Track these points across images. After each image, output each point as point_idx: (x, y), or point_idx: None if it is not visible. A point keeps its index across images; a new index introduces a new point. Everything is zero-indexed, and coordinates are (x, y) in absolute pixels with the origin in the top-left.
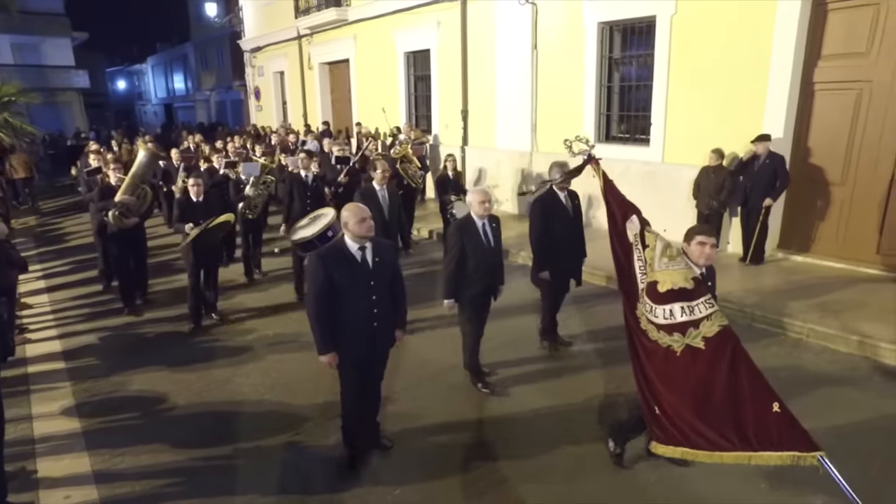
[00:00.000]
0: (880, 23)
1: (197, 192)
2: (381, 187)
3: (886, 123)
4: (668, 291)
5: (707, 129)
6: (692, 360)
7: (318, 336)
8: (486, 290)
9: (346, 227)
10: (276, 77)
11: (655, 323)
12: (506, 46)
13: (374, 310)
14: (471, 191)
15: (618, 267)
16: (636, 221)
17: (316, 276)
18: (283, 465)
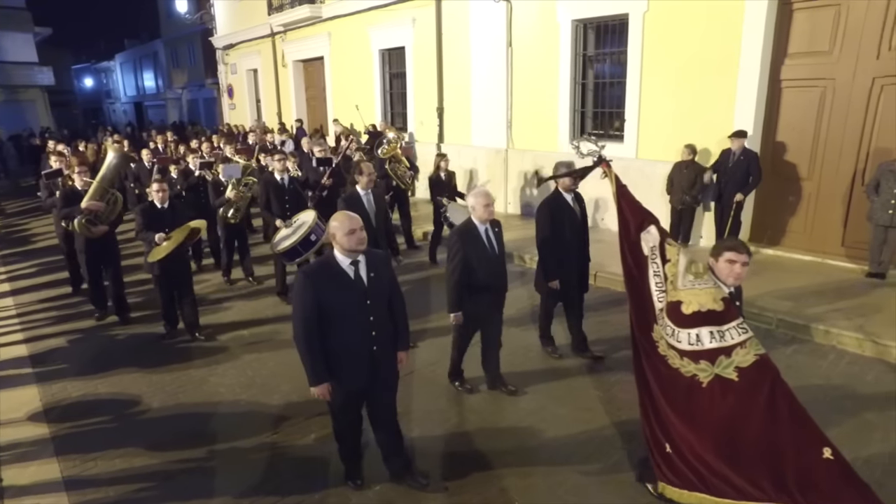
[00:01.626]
0: (841, 23)
1: (161, 198)
2: (366, 192)
3: (848, 120)
4: (695, 314)
5: (679, 126)
6: (721, 394)
7: (310, 365)
8: (491, 299)
9: (333, 239)
10: (249, 75)
11: (678, 348)
12: (481, 44)
13: (373, 332)
14: (471, 193)
15: (628, 280)
16: (654, 232)
17: (303, 297)
18: (259, 466)
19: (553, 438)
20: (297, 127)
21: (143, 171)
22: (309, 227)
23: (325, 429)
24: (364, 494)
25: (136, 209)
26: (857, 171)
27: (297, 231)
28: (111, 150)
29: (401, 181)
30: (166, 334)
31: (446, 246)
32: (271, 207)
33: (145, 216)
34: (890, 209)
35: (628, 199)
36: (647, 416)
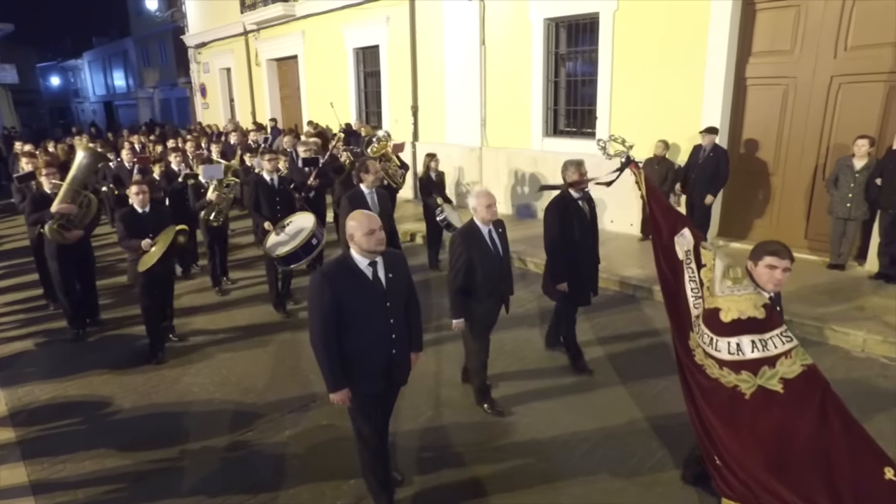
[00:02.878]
0: (801, 23)
1: (142, 202)
2: (370, 190)
3: (809, 117)
4: (735, 322)
5: (650, 122)
6: (765, 406)
7: (328, 370)
8: (496, 304)
9: (351, 240)
10: (222, 74)
11: (717, 358)
12: (454, 42)
13: (393, 335)
14: (472, 194)
15: (665, 288)
16: (688, 236)
17: (321, 299)
18: (233, 464)
19: (578, 446)
20: (272, 126)
21: (124, 171)
22: (310, 230)
23: (298, 426)
24: (339, 488)
25: (117, 216)
26: (818, 166)
27: (295, 235)
28: (81, 149)
29: (392, 180)
30: (153, 359)
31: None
32: (261, 209)
33: (126, 222)
34: (848, 202)
35: (659, 201)
36: (696, 427)
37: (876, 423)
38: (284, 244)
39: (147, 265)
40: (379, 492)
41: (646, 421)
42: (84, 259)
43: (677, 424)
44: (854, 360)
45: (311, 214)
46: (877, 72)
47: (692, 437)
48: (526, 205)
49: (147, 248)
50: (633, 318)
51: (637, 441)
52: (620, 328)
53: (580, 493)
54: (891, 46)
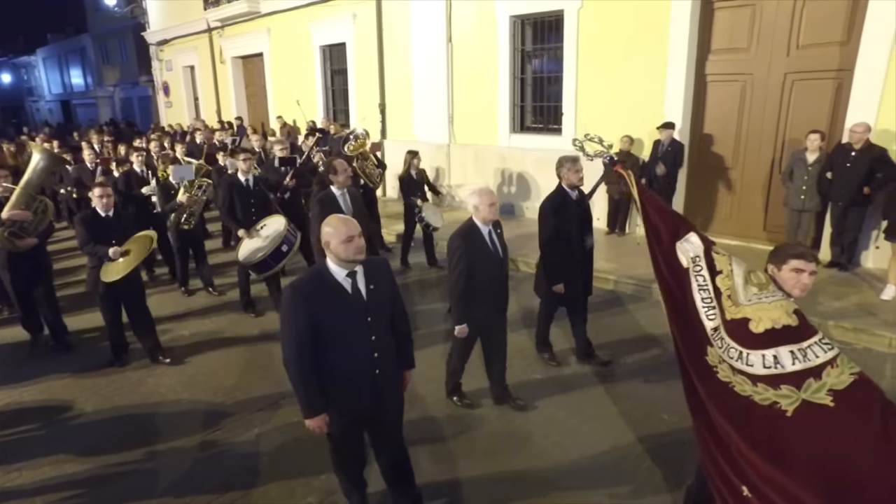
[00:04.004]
0: (756, 21)
1: (106, 205)
2: (341, 191)
3: (766, 112)
4: (769, 332)
5: (615, 118)
6: (813, 423)
7: (303, 394)
8: (496, 308)
9: (327, 248)
10: (185, 72)
11: (749, 373)
12: (421, 39)
13: (375, 353)
14: (474, 192)
15: (666, 297)
16: (695, 241)
17: (295, 317)
18: (201, 464)
19: (575, 458)
20: (238, 125)
21: (86, 173)
22: (280, 235)
23: (268, 423)
24: (309, 484)
25: (77, 219)
26: (774, 160)
27: (266, 240)
28: (36, 151)
29: (369, 179)
30: (116, 361)
31: (443, 250)
32: (234, 212)
33: (87, 226)
34: (802, 195)
35: (655, 204)
36: (711, 454)
37: None
38: (256, 250)
39: (112, 277)
40: (352, 490)
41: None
42: (39, 268)
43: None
44: None
45: (281, 217)
46: (826, 69)
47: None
48: (509, 204)
49: (115, 257)
50: (626, 319)
51: (636, 455)
52: (614, 330)
53: None
54: (837, 45)
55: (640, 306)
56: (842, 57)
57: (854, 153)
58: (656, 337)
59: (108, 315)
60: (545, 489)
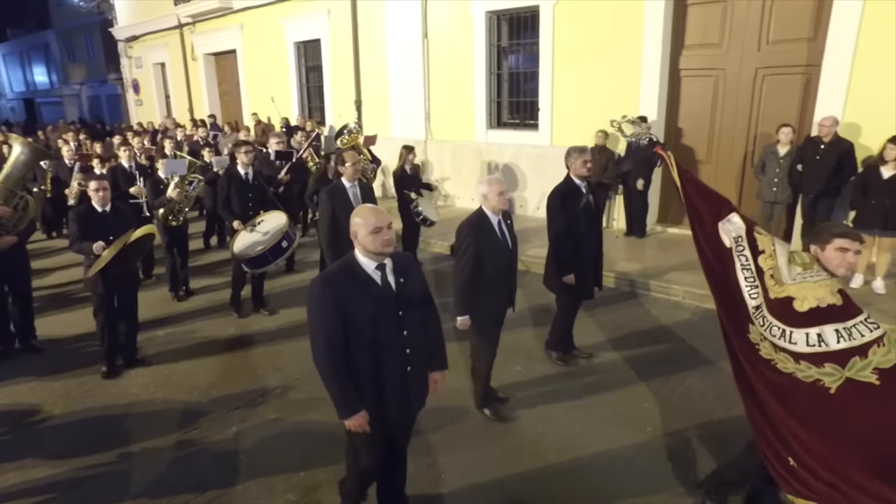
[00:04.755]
0: (728, 18)
1: (102, 200)
2: (351, 183)
3: (738, 107)
4: (813, 311)
5: (591, 113)
6: (859, 400)
7: (339, 392)
8: (505, 299)
9: (355, 238)
10: (156, 69)
11: (792, 351)
12: (397, 35)
13: (407, 349)
14: (483, 181)
15: (711, 278)
16: (737, 221)
17: (323, 309)
18: (177, 464)
19: (598, 459)
20: (211, 122)
21: (63, 170)
22: (281, 230)
23: (246, 421)
24: (289, 480)
25: (71, 215)
26: (747, 153)
27: (264, 235)
28: (17, 144)
29: (363, 175)
30: (108, 373)
31: (449, 242)
32: (231, 206)
33: (82, 222)
34: (774, 187)
35: (697, 185)
36: (761, 429)
37: None
38: (255, 245)
39: (97, 268)
40: (355, 497)
41: (677, 425)
42: (17, 270)
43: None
44: None
45: (283, 213)
46: (795, 65)
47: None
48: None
49: (99, 252)
50: (634, 314)
51: (670, 449)
52: (621, 325)
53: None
54: (805, 42)
55: (632, 303)
56: (809, 53)
57: (823, 146)
58: (662, 333)
59: (102, 315)
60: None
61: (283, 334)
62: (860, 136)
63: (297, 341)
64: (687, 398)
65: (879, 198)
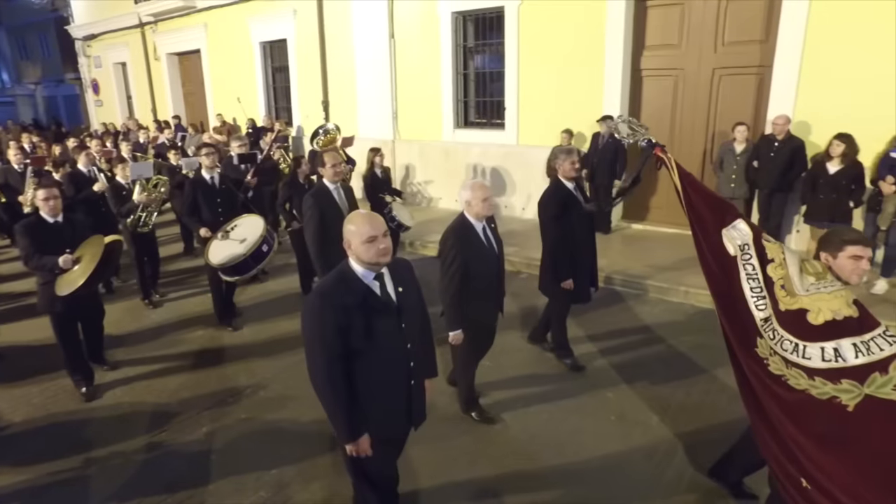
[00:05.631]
0: (686, 19)
1: (53, 209)
2: (335, 185)
3: (697, 105)
4: (829, 324)
5: (556, 112)
6: (879, 418)
7: (341, 414)
8: (494, 306)
9: (348, 248)
10: (117, 69)
11: (805, 366)
12: (363, 36)
13: (411, 363)
14: (466, 186)
15: (714, 287)
16: (743, 228)
17: (322, 326)
18: (147, 466)
19: (591, 461)
20: (176, 124)
21: (13, 175)
22: (260, 235)
23: (217, 421)
24: (261, 479)
25: (18, 229)
26: (706, 150)
27: (241, 241)
28: None
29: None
30: (86, 393)
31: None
32: (199, 213)
33: (33, 235)
34: (732, 183)
35: (699, 190)
36: (769, 447)
37: None
38: (228, 250)
39: (69, 289)
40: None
41: (663, 428)
42: None
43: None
44: None
45: (258, 216)
46: (749, 65)
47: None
48: None
49: (68, 266)
50: (625, 315)
51: (662, 454)
52: (612, 326)
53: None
54: (757, 43)
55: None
56: (762, 54)
57: (777, 143)
58: (655, 333)
59: (66, 337)
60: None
61: (254, 335)
62: (810, 133)
63: (268, 343)
64: (672, 399)
65: (826, 192)
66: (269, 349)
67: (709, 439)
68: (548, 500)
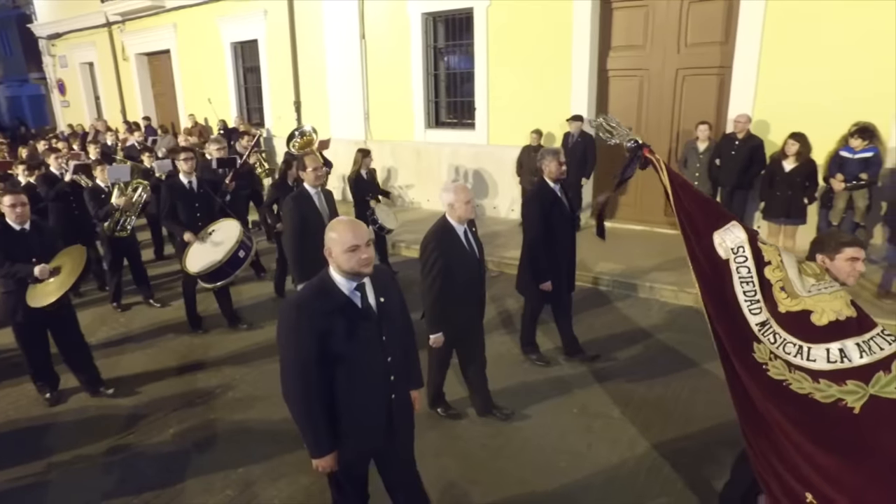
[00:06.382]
0: (650, 21)
1: (20, 217)
2: (315, 189)
3: (662, 105)
4: (833, 324)
5: (525, 112)
6: (885, 418)
7: (310, 429)
8: (475, 310)
9: (329, 256)
10: (83, 69)
11: (809, 369)
12: (335, 36)
13: (391, 376)
14: (448, 189)
15: (706, 291)
16: (737, 231)
17: (297, 337)
18: (113, 469)
19: (583, 474)
20: (146, 125)
21: None
22: (237, 240)
23: (184, 423)
24: (228, 478)
25: None
26: (671, 149)
27: (218, 246)
28: None
29: None
30: (50, 398)
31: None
32: (177, 217)
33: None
34: (696, 181)
35: (690, 192)
36: (766, 459)
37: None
38: (205, 256)
39: (44, 301)
40: None
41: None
42: None
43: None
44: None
45: (235, 221)
46: (710, 66)
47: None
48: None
49: (44, 276)
50: (611, 316)
51: (641, 466)
52: (599, 327)
53: None
54: (718, 45)
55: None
56: (722, 55)
57: (737, 142)
58: (639, 333)
59: (31, 347)
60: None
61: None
62: (769, 132)
63: (237, 343)
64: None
65: (782, 189)
66: (241, 353)
67: (686, 443)
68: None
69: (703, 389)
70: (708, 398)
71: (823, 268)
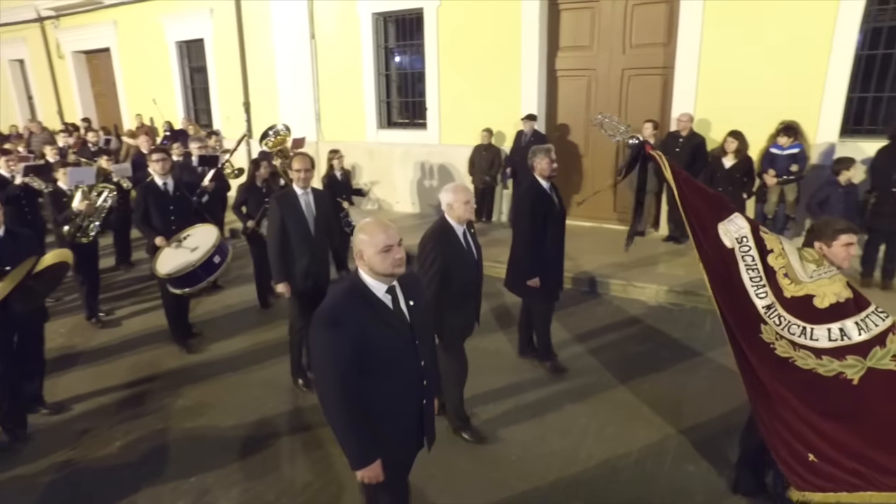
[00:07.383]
0: (596, 22)
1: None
2: (303, 191)
3: (609, 104)
4: (834, 306)
5: (476, 112)
6: (881, 387)
7: (354, 438)
8: (473, 315)
9: (360, 258)
10: (13, 66)
11: (813, 347)
12: (284, 36)
13: (424, 381)
14: (448, 189)
15: (714, 280)
16: (740, 222)
17: (334, 343)
18: (54, 487)
19: (605, 474)
20: (85, 127)
21: None
22: (213, 245)
23: (131, 434)
24: (178, 488)
25: None
26: (619, 147)
27: (193, 251)
28: None
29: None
30: (15, 436)
31: (418, 254)
32: (150, 221)
33: None
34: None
35: (693, 186)
36: (774, 428)
37: (665, 353)
38: (177, 260)
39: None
40: None
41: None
42: None
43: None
44: (650, 308)
45: (212, 226)
46: (654, 66)
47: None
48: (377, 198)
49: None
50: (596, 316)
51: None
52: (585, 326)
53: None
54: (661, 46)
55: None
56: (665, 56)
57: (681, 140)
58: (616, 330)
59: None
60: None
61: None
62: (710, 130)
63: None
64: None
65: (723, 185)
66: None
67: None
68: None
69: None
70: (697, 390)
71: (821, 254)
